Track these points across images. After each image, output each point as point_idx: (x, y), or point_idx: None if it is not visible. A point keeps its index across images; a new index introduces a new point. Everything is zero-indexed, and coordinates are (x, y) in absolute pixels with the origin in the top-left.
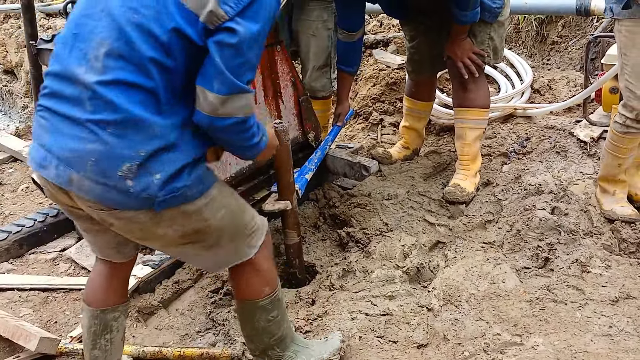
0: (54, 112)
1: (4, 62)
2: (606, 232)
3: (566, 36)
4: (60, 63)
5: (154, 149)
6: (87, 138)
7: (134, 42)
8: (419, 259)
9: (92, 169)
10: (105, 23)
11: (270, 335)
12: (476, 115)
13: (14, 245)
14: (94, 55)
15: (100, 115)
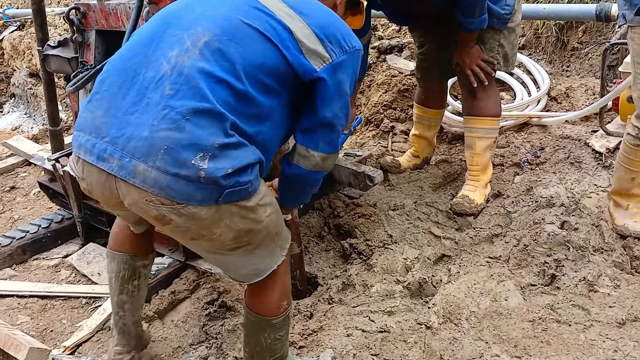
0: (119, 99)
1: (29, 65)
2: (617, 249)
3: (587, 42)
4: (145, 47)
5: (227, 143)
6: (161, 125)
7: (242, 43)
8: (421, 273)
9: (164, 157)
10: (211, 19)
11: (272, 353)
12: (486, 124)
13: (17, 251)
14: (192, 42)
15: (182, 101)
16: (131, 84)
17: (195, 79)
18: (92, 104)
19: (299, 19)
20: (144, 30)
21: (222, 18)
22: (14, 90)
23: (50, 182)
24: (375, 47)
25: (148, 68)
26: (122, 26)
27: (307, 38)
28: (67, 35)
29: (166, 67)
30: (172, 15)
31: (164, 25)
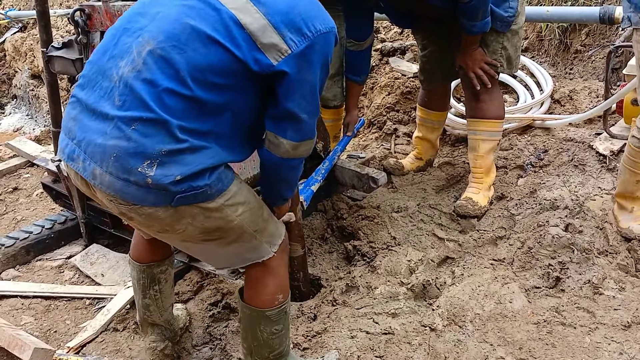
0: (84, 105)
1: (31, 66)
2: (622, 252)
3: (590, 45)
4: (104, 54)
5: (177, 149)
6: (112, 134)
7: (185, 47)
8: (425, 275)
9: (114, 164)
10: (158, 24)
11: (270, 349)
12: (489, 126)
13: (20, 252)
14: (138, 51)
15: (128, 112)
16: (92, 91)
17: (138, 89)
18: (70, 106)
19: (255, 10)
20: (108, 35)
21: (168, 22)
22: (16, 92)
23: (54, 183)
24: (377, 49)
25: (104, 77)
26: None
27: (261, 31)
28: (72, 37)
29: (115, 77)
30: (129, 19)
31: (121, 31)
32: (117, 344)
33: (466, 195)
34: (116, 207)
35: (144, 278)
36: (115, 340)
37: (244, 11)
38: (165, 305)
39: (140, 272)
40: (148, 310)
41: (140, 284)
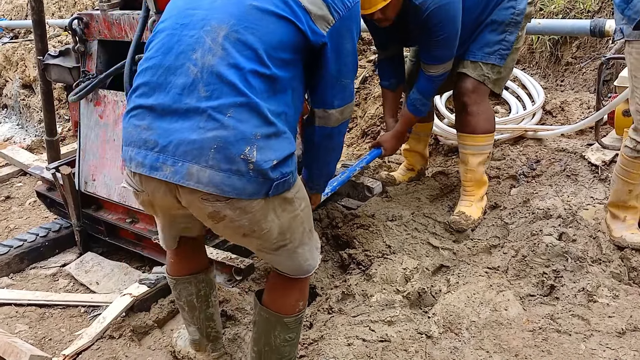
0: (160, 110)
1: (22, 76)
2: (615, 260)
3: (581, 57)
4: (167, 54)
5: (268, 134)
6: (207, 126)
7: (257, 27)
8: (421, 283)
9: (215, 156)
10: (221, 10)
11: (280, 356)
12: (478, 141)
13: (14, 260)
14: (212, 38)
15: (220, 100)
16: (166, 95)
17: (225, 75)
18: (134, 118)
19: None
20: (163, 36)
21: (232, 5)
22: (6, 102)
23: (49, 191)
24: (371, 61)
25: (176, 75)
26: (125, 36)
27: (313, 3)
28: (68, 45)
29: (194, 70)
30: (183, 14)
31: (179, 28)
32: (113, 352)
33: (459, 210)
34: (210, 206)
35: (204, 288)
36: (111, 348)
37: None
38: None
39: (200, 282)
40: (212, 321)
41: (202, 295)
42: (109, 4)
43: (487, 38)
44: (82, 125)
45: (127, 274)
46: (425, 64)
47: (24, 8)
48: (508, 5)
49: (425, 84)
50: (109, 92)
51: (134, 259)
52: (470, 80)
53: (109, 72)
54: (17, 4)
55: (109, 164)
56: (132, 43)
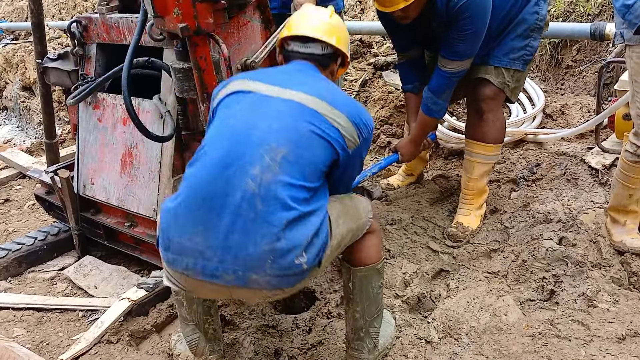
0: (213, 225)
1: (22, 78)
2: (615, 265)
3: (581, 60)
4: (226, 168)
5: (313, 233)
6: (262, 241)
7: (309, 149)
8: (420, 288)
9: (272, 266)
10: (279, 132)
11: (377, 305)
12: (486, 150)
13: (12, 264)
14: (271, 157)
15: (273, 215)
16: (222, 208)
17: (280, 191)
18: (185, 233)
19: (342, 115)
20: (218, 151)
21: (289, 130)
22: (6, 104)
23: (47, 194)
24: (371, 63)
25: (235, 189)
26: (124, 40)
27: (349, 132)
28: (67, 49)
29: (252, 185)
30: (240, 133)
31: (237, 145)
32: (111, 357)
33: (457, 220)
34: (265, 296)
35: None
36: (109, 352)
37: (337, 117)
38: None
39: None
40: (210, 315)
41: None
42: (108, 8)
43: (512, 44)
44: (80, 129)
45: (126, 277)
46: (443, 58)
47: (25, 10)
48: (533, 10)
49: (438, 80)
50: (107, 95)
51: (133, 262)
52: (490, 87)
53: (107, 76)
54: (17, 6)
55: (108, 167)
56: (131, 46)
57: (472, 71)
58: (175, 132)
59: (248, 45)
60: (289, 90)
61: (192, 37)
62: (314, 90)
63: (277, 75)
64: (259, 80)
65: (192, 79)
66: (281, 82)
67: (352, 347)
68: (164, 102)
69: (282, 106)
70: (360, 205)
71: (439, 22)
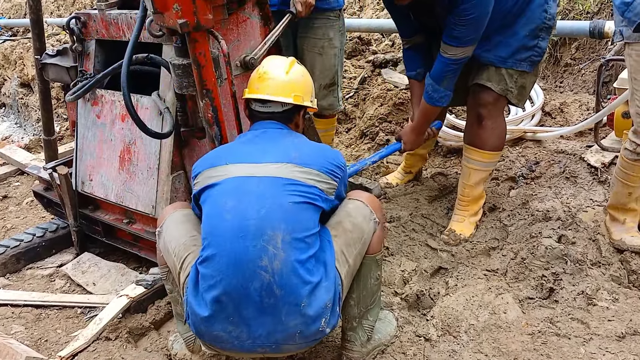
0: (242, 311)
1: (21, 75)
2: (615, 263)
3: (580, 59)
4: (237, 266)
5: (330, 298)
6: (288, 320)
7: (300, 220)
8: (419, 285)
9: (300, 337)
10: (271, 217)
11: (372, 296)
12: (485, 157)
13: (11, 260)
14: (273, 245)
15: (292, 296)
16: (247, 299)
17: (292, 272)
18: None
19: (315, 173)
20: (226, 256)
21: (275, 210)
22: (4, 100)
23: (45, 191)
24: (370, 61)
25: (252, 282)
26: (123, 36)
27: (325, 181)
28: (66, 45)
29: (267, 276)
30: (239, 226)
31: (240, 241)
32: (109, 353)
33: (450, 227)
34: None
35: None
36: (108, 349)
37: (308, 173)
38: None
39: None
40: None
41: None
42: (107, 4)
43: (519, 43)
44: (79, 125)
45: (124, 274)
46: (444, 44)
47: (23, 6)
48: (542, 8)
49: (439, 67)
50: (106, 91)
51: (131, 259)
52: (491, 93)
53: (106, 72)
54: (15, 3)
55: (106, 164)
56: (130, 43)
57: (474, 74)
58: (174, 129)
59: (247, 41)
60: (261, 166)
61: (191, 33)
62: (282, 154)
63: (246, 151)
64: (232, 161)
65: (191, 75)
66: (252, 157)
67: (345, 339)
68: (163, 98)
69: (261, 187)
70: (360, 216)
71: (442, 5)
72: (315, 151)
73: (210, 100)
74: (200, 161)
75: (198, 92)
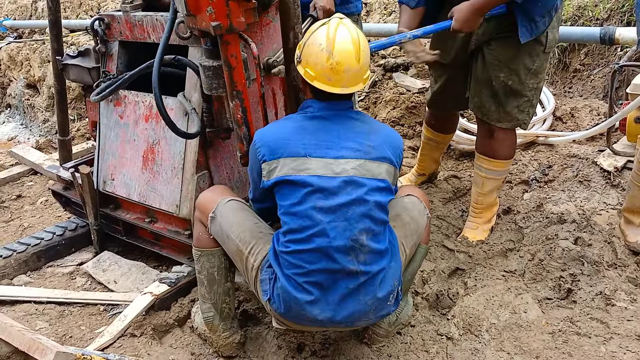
0: (329, 289)
1: (27, 76)
2: (631, 265)
3: (589, 64)
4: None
5: (397, 279)
6: (365, 299)
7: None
8: (438, 285)
9: (374, 312)
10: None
11: (411, 281)
12: (497, 166)
13: (32, 258)
14: (360, 244)
15: (371, 280)
16: (335, 286)
17: (372, 259)
18: (308, 305)
19: (384, 164)
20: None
21: (362, 216)
22: (10, 101)
23: (65, 190)
24: (381, 65)
25: (343, 270)
26: (147, 37)
27: (393, 176)
28: (88, 46)
29: (354, 268)
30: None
31: (334, 241)
32: (135, 349)
33: (463, 234)
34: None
35: (225, 260)
36: (133, 345)
37: (381, 168)
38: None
39: (221, 255)
40: (228, 296)
41: (222, 268)
42: (132, 6)
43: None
44: (101, 125)
45: (145, 273)
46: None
47: (28, 8)
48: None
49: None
50: (129, 92)
51: (150, 258)
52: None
53: (133, 73)
54: (21, 4)
55: (129, 163)
56: (161, 45)
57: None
58: (201, 129)
59: (270, 44)
60: (340, 163)
61: (223, 36)
62: (358, 147)
63: (321, 139)
64: (311, 154)
65: (221, 76)
66: (328, 149)
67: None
68: (189, 99)
69: (346, 194)
70: (415, 210)
71: None
72: (387, 141)
73: (240, 101)
74: (273, 139)
75: (228, 93)
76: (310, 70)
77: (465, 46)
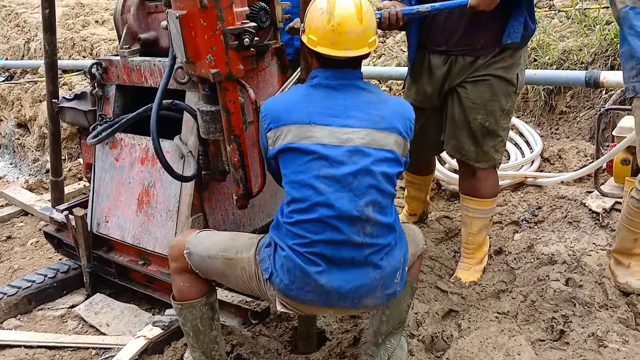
0: (334, 260)
1: (18, 115)
2: (622, 305)
3: (575, 107)
4: (350, 223)
5: (402, 257)
6: (372, 273)
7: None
8: (432, 327)
9: (381, 290)
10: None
11: (400, 320)
12: (483, 205)
13: (22, 301)
14: (365, 217)
15: (380, 254)
16: (340, 258)
17: (378, 232)
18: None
19: (392, 134)
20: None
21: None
22: (0, 140)
23: (57, 231)
24: None
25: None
26: (145, 82)
27: (402, 144)
28: (84, 89)
29: (359, 240)
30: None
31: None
32: None
33: (456, 275)
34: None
35: (207, 311)
36: None
37: (389, 139)
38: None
39: (202, 306)
40: (216, 344)
41: (205, 318)
42: (130, 51)
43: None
44: (96, 168)
45: (137, 315)
46: None
47: (21, 48)
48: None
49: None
50: (125, 135)
51: (143, 300)
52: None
53: (131, 117)
54: (13, 44)
55: (124, 205)
56: (159, 90)
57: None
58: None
59: (266, 89)
60: (346, 132)
61: (222, 82)
62: (365, 117)
63: (327, 107)
64: (316, 121)
65: (219, 121)
66: (334, 117)
67: (367, 353)
68: (185, 142)
69: (352, 163)
70: (416, 233)
71: None
72: (396, 111)
73: (238, 145)
74: (278, 108)
75: (226, 138)
76: (312, 35)
77: (440, 88)
